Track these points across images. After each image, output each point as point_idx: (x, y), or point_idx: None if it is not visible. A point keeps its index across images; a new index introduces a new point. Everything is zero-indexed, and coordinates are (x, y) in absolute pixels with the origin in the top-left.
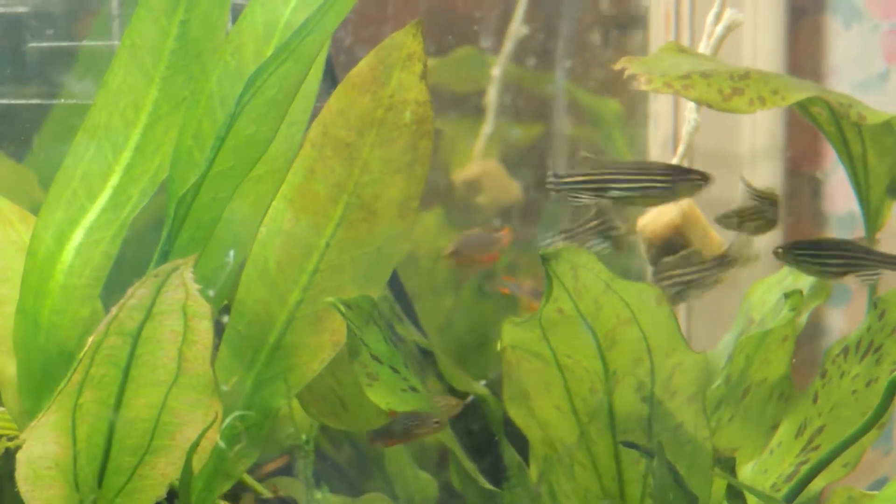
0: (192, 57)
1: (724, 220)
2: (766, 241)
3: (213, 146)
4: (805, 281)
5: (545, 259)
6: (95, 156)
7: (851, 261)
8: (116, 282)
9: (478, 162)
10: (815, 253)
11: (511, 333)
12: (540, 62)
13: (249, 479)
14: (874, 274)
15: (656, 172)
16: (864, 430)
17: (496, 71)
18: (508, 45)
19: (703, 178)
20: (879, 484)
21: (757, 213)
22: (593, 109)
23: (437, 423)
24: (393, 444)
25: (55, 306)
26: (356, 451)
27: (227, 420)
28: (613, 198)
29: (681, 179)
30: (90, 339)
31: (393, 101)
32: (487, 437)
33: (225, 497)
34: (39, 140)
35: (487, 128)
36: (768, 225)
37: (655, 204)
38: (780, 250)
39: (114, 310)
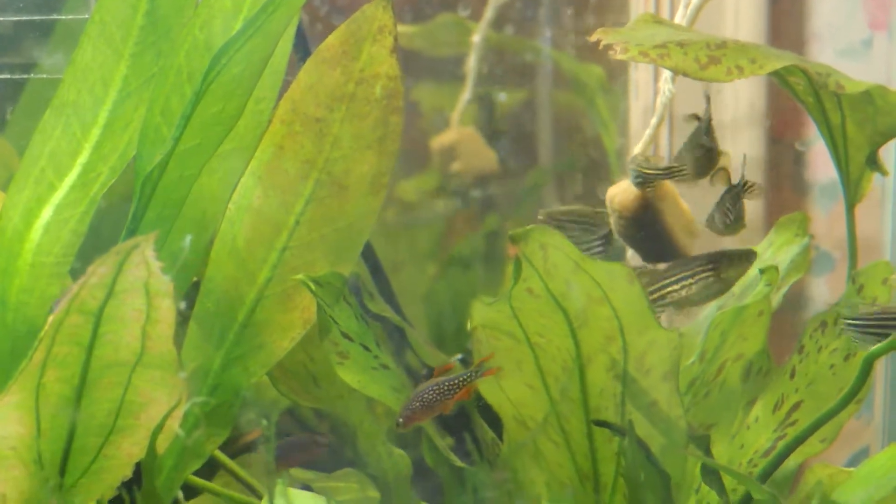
0: (161, 33)
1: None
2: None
3: (178, 124)
4: (785, 255)
5: (514, 239)
6: (64, 133)
7: None
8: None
9: (454, 129)
10: None
11: (481, 313)
12: (520, 29)
13: (222, 456)
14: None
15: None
16: (841, 405)
17: (476, 37)
18: (489, 12)
19: None
20: (861, 454)
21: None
22: (576, 76)
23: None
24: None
25: (23, 285)
26: (331, 425)
27: (188, 405)
28: None
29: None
30: (51, 318)
31: (363, 75)
32: (462, 413)
33: (199, 474)
34: (15, 114)
35: (466, 95)
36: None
37: None
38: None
39: (75, 288)
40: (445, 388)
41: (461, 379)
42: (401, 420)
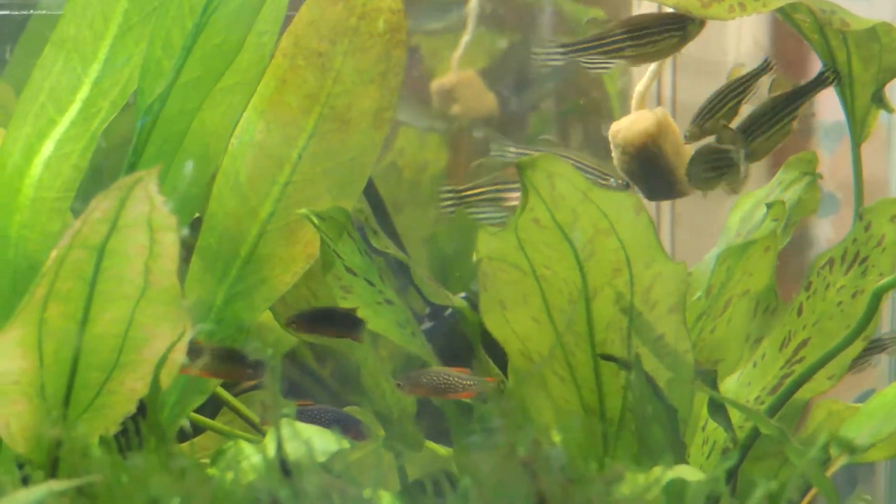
0: None
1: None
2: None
3: (179, 56)
4: (792, 194)
5: (520, 168)
6: (64, 69)
7: None
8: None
9: (454, 71)
10: None
11: (487, 243)
12: None
13: (225, 394)
14: None
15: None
16: (848, 342)
17: None
18: None
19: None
20: (867, 396)
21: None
22: (576, 18)
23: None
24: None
25: (24, 221)
26: (336, 363)
27: (192, 333)
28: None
29: None
30: (53, 253)
31: (366, 9)
32: (466, 349)
33: (202, 412)
34: (16, 53)
35: (467, 37)
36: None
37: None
38: None
39: (77, 223)
40: (454, 381)
41: (468, 383)
42: (401, 384)
